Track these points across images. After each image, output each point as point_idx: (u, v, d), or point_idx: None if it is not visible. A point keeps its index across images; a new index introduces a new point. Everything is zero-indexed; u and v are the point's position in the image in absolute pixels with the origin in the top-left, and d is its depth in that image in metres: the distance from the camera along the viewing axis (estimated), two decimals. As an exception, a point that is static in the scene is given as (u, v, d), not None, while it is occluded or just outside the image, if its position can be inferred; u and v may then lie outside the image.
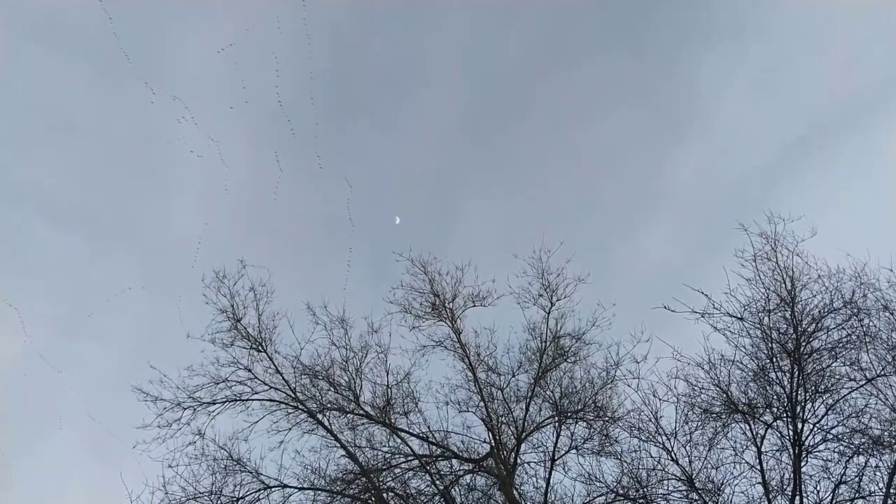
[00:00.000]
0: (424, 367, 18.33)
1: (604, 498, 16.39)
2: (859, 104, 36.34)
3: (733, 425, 15.53)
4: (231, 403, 16.96)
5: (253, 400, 17.13)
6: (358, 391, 17.47)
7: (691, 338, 15.91)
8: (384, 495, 16.15)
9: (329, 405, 17.36)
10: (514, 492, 16.36)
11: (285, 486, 15.96)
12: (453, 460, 17.37)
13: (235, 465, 15.98)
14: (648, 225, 38.04)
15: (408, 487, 17.04)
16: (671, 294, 15.53)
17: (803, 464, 14.30)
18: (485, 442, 17.43)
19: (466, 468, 17.18)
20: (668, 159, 39.82)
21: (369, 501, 15.98)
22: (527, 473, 17.51)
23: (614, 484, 16.34)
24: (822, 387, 14.68)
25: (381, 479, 16.59)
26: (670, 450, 15.64)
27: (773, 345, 15.13)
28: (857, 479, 14.02)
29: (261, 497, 15.76)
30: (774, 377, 15.10)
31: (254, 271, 17.88)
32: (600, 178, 40.30)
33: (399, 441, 17.31)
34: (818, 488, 14.40)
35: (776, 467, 15.01)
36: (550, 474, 16.69)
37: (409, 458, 17.04)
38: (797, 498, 14.01)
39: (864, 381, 14.40)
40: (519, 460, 17.17)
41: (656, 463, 15.85)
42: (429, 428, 17.56)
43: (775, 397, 15.05)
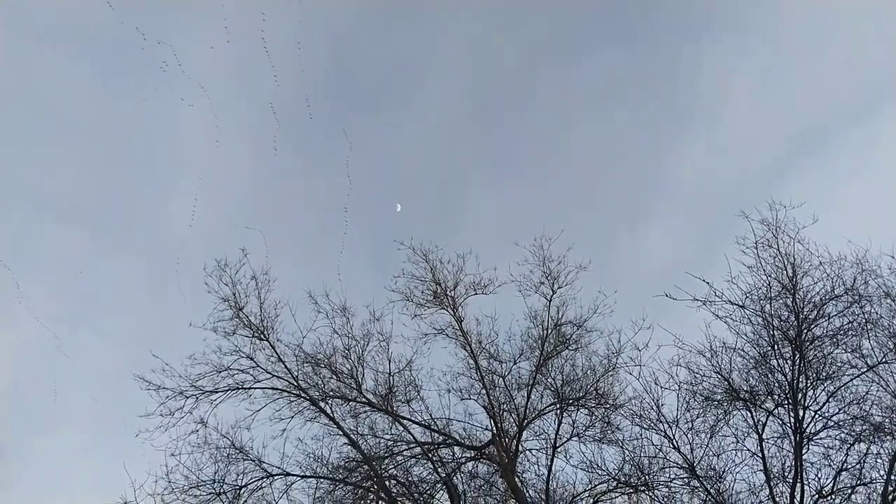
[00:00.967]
0: (426, 355, 18.33)
1: (605, 485, 16.49)
2: (861, 100, 36.25)
3: (735, 413, 15.58)
4: (233, 392, 16.93)
5: (255, 388, 17.11)
6: (360, 379, 17.47)
7: (693, 325, 15.93)
8: (386, 483, 16.20)
9: (331, 393, 17.36)
10: (516, 479, 16.41)
11: (288, 474, 15.99)
12: (455, 448, 17.40)
13: (238, 453, 15.99)
14: (650, 219, 38.05)
15: (410, 475, 17.09)
16: (672, 286, 15.54)
17: (804, 451, 14.34)
18: (486, 429, 17.48)
19: (468, 455, 17.23)
20: (670, 154, 39.74)
21: (371, 489, 16.03)
22: (528, 461, 17.61)
23: (616, 471, 16.43)
24: (824, 374, 14.69)
25: (383, 467, 16.63)
26: (672, 437, 15.70)
27: (775, 332, 15.12)
28: (858, 467, 14.06)
29: (263, 485, 15.78)
30: (776, 364, 15.10)
31: (255, 260, 17.87)
32: (602, 171, 40.29)
33: (401, 429, 17.35)
34: (819, 475, 14.44)
35: (777, 455, 15.08)
36: (552, 461, 16.78)
37: (412, 446, 17.08)
38: (798, 485, 14.05)
39: (865, 369, 14.40)
40: (521, 448, 17.22)
41: (658, 450, 15.93)
42: (431, 416, 17.59)
43: (776, 385, 15.06)
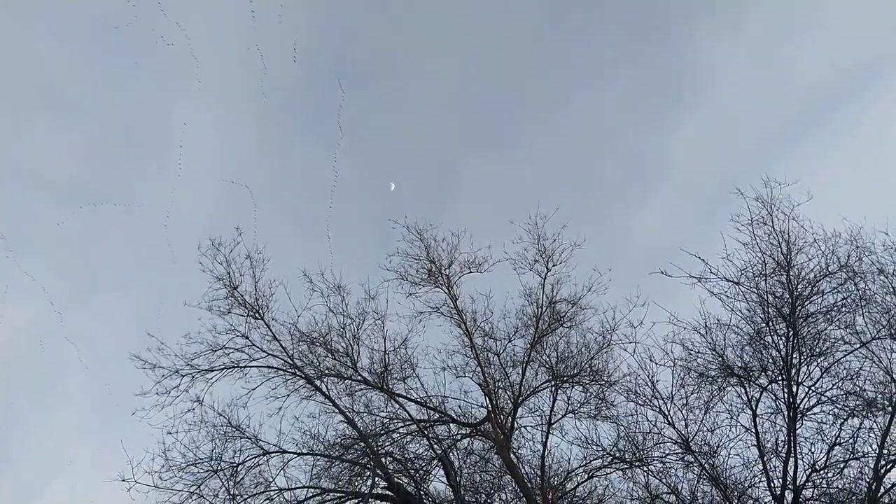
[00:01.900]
0: (421, 334, 18.30)
1: (600, 461, 16.64)
2: (856, 77, 36.07)
3: (729, 389, 15.70)
4: (229, 370, 16.91)
5: (251, 367, 17.08)
6: (355, 357, 17.47)
7: (687, 303, 16.00)
8: (382, 460, 16.27)
9: (327, 371, 17.36)
10: (512, 455, 16.52)
11: (284, 451, 16.02)
12: (451, 425, 17.49)
13: (234, 431, 16.01)
14: (646, 196, 37.97)
15: (406, 452, 17.23)
16: (667, 263, 15.57)
17: (798, 426, 14.46)
18: (482, 406, 17.53)
19: (464, 432, 17.31)
20: (665, 131, 39.58)
21: (368, 466, 16.11)
22: (524, 437, 17.72)
23: (611, 447, 16.58)
24: (818, 350, 14.79)
25: (379, 444, 16.72)
26: (666, 413, 15.80)
27: (769, 309, 15.19)
28: (851, 441, 14.20)
29: (260, 462, 15.81)
30: (770, 341, 15.19)
31: (249, 239, 17.77)
32: (597, 150, 40.01)
33: (397, 406, 17.41)
34: (812, 450, 14.58)
35: (771, 430, 15.21)
36: (547, 438, 16.85)
37: (407, 423, 17.16)
38: (791, 459, 14.18)
39: (858, 345, 14.47)
40: (516, 424, 17.31)
41: (652, 426, 16.05)
42: (426, 393, 17.62)
43: (771, 361, 15.17)
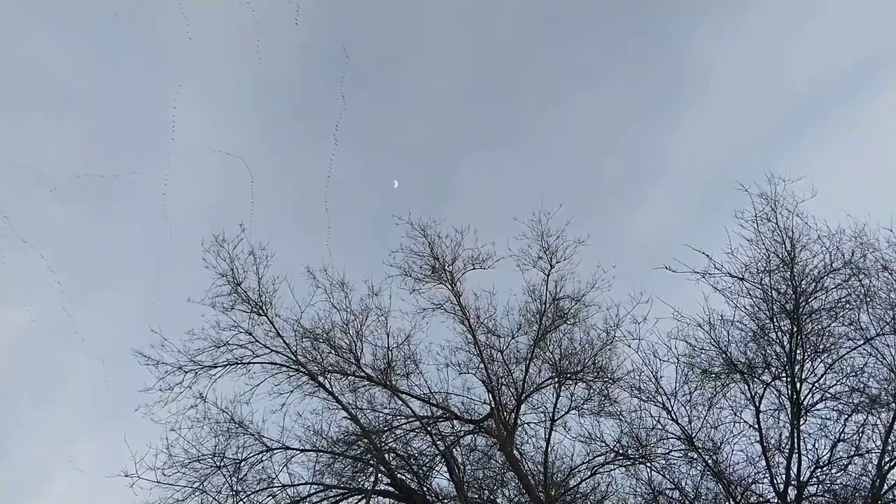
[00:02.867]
0: (425, 330, 18.34)
1: (604, 457, 16.64)
2: (857, 73, 35.96)
3: (732, 385, 15.65)
4: (232, 367, 16.87)
5: (254, 363, 17.03)
6: (359, 354, 17.47)
7: (691, 299, 15.90)
8: (386, 456, 16.29)
9: (330, 368, 17.37)
10: (515, 451, 16.54)
11: (287, 447, 16.02)
12: (454, 421, 17.52)
13: (237, 427, 16.01)
14: (649, 192, 37.86)
15: (409, 448, 17.26)
16: (671, 259, 15.50)
17: (802, 423, 14.43)
18: (485, 403, 17.55)
19: (467, 429, 17.36)
20: (667, 127, 39.45)
21: (371, 462, 16.12)
22: (527, 434, 17.80)
23: (614, 443, 16.59)
24: (821, 346, 14.75)
25: (382, 441, 16.75)
26: (670, 409, 15.75)
27: (773, 305, 15.14)
28: (854, 437, 14.17)
29: (263, 458, 15.82)
30: (774, 337, 15.14)
31: (252, 235, 17.75)
32: (597, 147, 39.93)
33: (400, 403, 17.43)
34: (816, 446, 14.54)
35: (774, 426, 15.17)
36: (550, 434, 16.88)
37: (410, 420, 17.20)
38: (795, 456, 14.16)
39: (862, 341, 14.42)
40: (519, 421, 17.34)
41: (656, 422, 16.04)
42: (429, 389, 17.66)
43: (774, 357, 15.12)
